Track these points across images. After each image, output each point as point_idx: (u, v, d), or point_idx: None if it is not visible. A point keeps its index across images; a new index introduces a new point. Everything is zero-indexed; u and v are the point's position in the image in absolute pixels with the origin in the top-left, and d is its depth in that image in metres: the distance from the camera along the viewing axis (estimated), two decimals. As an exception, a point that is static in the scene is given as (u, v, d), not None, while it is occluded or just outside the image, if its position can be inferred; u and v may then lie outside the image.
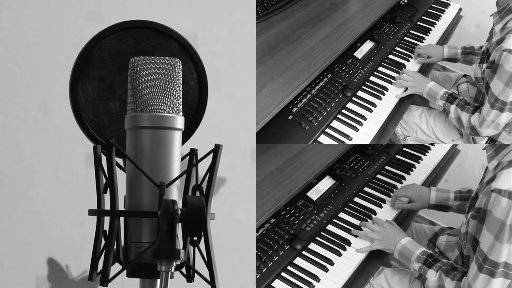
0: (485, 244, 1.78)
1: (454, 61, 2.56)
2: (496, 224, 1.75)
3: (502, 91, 2.11)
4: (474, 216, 1.82)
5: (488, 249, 1.77)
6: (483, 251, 1.78)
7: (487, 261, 1.78)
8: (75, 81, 1.38)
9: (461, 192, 2.25)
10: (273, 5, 2.44)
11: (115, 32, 1.39)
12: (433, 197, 2.25)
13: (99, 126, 1.38)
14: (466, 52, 2.51)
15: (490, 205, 1.76)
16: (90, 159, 2.17)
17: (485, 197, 1.77)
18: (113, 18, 1.83)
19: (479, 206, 1.79)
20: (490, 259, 1.78)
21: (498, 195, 1.74)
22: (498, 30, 2.19)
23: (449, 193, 2.25)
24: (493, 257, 1.77)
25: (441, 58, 2.53)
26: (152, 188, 1.25)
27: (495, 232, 1.76)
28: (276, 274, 1.89)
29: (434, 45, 2.55)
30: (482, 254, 1.78)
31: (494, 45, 2.15)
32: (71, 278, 2.18)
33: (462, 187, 2.28)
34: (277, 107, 1.97)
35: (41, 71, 2.18)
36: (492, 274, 1.78)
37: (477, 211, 1.80)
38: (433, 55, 2.50)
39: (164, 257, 1.20)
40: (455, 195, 2.25)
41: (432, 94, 2.31)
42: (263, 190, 1.97)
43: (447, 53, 2.52)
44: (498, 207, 1.74)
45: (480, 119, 2.18)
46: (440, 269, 1.90)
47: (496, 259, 1.77)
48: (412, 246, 1.98)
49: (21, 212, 2.16)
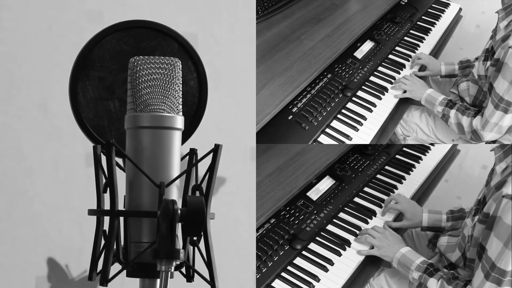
0: (493, 252, 1.73)
1: (453, 77, 2.54)
2: (506, 231, 1.71)
3: (507, 90, 2.08)
4: (482, 221, 1.78)
5: (497, 256, 1.73)
6: (491, 259, 1.74)
7: (494, 269, 1.73)
8: (75, 81, 1.38)
9: (453, 212, 2.20)
10: (273, 5, 2.44)
11: (115, 32, 1.39)
12: (425, 219, 2.20)
13: (99, 126, 1.38)
14: (463, 67, 2.49)
15: (501, 211, 1.72)
16: (90, 159, 2.17)
17: (495, 202, 1.73)
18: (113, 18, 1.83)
19: (488, 211, 1.75)
20: (498, 267, 1.73)
21: (510, 201, 1.70)
22: (503, 27, 2.16)
23: (441, 215, 2.21)
24: (502, 265, 1.73)
25: (438, 74, 2.51)
26: (152, 188, 1.25)
27: (504, 239, 1.71)
28: (276, 274, 1.89)
29: (433, 59, 2.53)
30: (490, 262, 1.74)
31: (499, 43, 2.13)
32: (71, 278, 2.18)
33: (454, 207, 2.23)
34: (277, 107, 1.97)
35: (41, 71, 2.18)
36: (499, 282, 1.74)
37: (485, 216, 1.76)
38: (430, 68, 2.48)
39: (164, 257, 1.20)
40: (447, 216, 2.20)
41: (431, 101, 2.30)
42: (263, 190, 1.97)
43: (445, 70, 2.49)
44: (509, 214, 1.70)
45: (483, 121, 2.15)
46: (441, 278, 1.87)
47: (504, 267, 1.72)
48: (412, 255, 1.96)
49: (21, 212, 2.16)
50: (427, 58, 2.50)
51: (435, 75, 2.52)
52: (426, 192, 2.44)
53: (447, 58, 2.62)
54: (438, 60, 2.56)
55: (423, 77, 2.47)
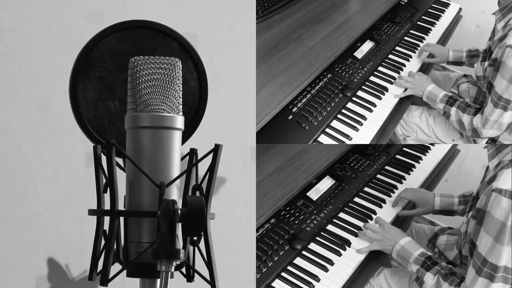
0: (483, 247, 1.74)
1: (460, 65, 2.55)
2: (496, 225, 1.71)
3: (506, 88, 2.09)
4: (474, 216, 1.78)
5: (488, 251, 1.73)
6: (481, 254, 1.74)
7: (486, 264, 1.74)
8: (75, 81, 1.38)
9: (465, 196, 2.22)
10: (273, 5, 2.44)
11: (115, 32, 1.39)
12: (437, 203, 2.22)
13: (99, 126, 1.38)
14: (471, 55, 2.50)
15: (490, 206, 1.72)
16: (90, 159, 2.17)
17: (485, 197, 1.74)
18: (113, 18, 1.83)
19: (479, 206, 1.76)
20: (490, 261, 1.73)
21: (499, 195, 1.70)
22: (500, 28, 2.18)
23: (453, 198, 2.23)
24: (493, 260, 1.73)
25: (445, 60, 2.52)
26: (152, 188, 1.25)
27: (494, 233, 1.72)
28: (276, 274, 1.89)
29: (441, 46, 2.55)
30: (481, 257, 1.74)
31: (496, 43, 2.14)
32: (71, 278, 2.18)
33: (466, 191, 2.25)
34: (277, 107, 1.97)
35: (41, 71, 2.18)
36: (492, 278, 1.74)
37: (477, 211, 1.77)
38: (438, 55, 2.50)
39: (164, 257, 1.20)
40: (459, 200, 2.22)
41: (432, 97, 2.30)
42: (263, 190, 1.97)
43: (452, 56, 2.51)
44: (498, 207, 1.71)
45: (483, 119, 2.16)
46: (438, 273, 1.87)
47: (496, 262, 1.73)
48: (411, 247, 1.96)
49: (21, 212, 2.16)
50: (434, 46, 2.52)
51: (443, 62, 2.54)
52: (426, 192, 2.44)
53: (447, 58, 2.63)
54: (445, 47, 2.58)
55: (429, 65, 2.49)
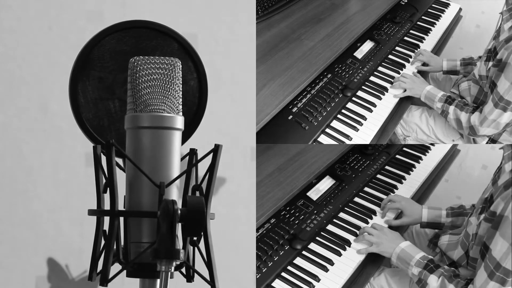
0: (498, 251, 1.72)
1: (455, 74, 2.54)
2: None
3: (508, 90, 2.09)
4: (488, 220, 1.76)
5: (503, 256, 1.71)
6: (495, 258, 1.72)
7: (499, 269, 1.72)
8: (75, 81, 1.38)
9: (453, 209, 2.20)
10: (273, 5, 2.44)
11: (115, 32, 1.39)
12: (425, 215, 2.19)
13: (99, 126, 1.38)
14: (465, 64, 2.49)
15: (509, 211, 1.70)
16: (90, 159, 2.17)
17: (503, 201, 1.72)
18: (113, 18, 1.84)
19: (495, 210, 1.74)
20: (504, 266, 1.71)
21: None
22: (507, 28, 2.16)
23: (441, 210, 2.20)
24: (507, 265, 1.71)
25: (439, 70, 2.51)
26: (152, 188, 1.25)
27: (511, 239, 1.70)
28: (276, 274, 1.89)
29: (436, 56, 2.54)
30: (494, 262, 1.72)
31: (502, 44, 2.13)
32: (71, 278, 2.18)
33: (453, 204, 2.23)
34: (277, 107, 1.97)
35: (41, 71, 2.18)
36: (504, 282, 1.73)
37: (491, 214, 1.75)
38: (432, 64, 2.49)
39: (164, 257, 1.20)
40: (447, 212, 2.19)
41: (430, 97, 2.30)
42: (263, 190, 1.97)
43: (446, 66, 2.49)
44: None
45: (481, 118, 2.17)
46: (442, 275, 1.85)
47: (509, 267, 1.71)
48: (412, 250, 1.95)
49: (21, 212, 2.16)
50: (428, 55, 2.51)
51: (436, 71, 2.53)
52: (426, 192, 2.44)
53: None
54: (440, 57, 2.57)
55: (423, 73, 2.48)
